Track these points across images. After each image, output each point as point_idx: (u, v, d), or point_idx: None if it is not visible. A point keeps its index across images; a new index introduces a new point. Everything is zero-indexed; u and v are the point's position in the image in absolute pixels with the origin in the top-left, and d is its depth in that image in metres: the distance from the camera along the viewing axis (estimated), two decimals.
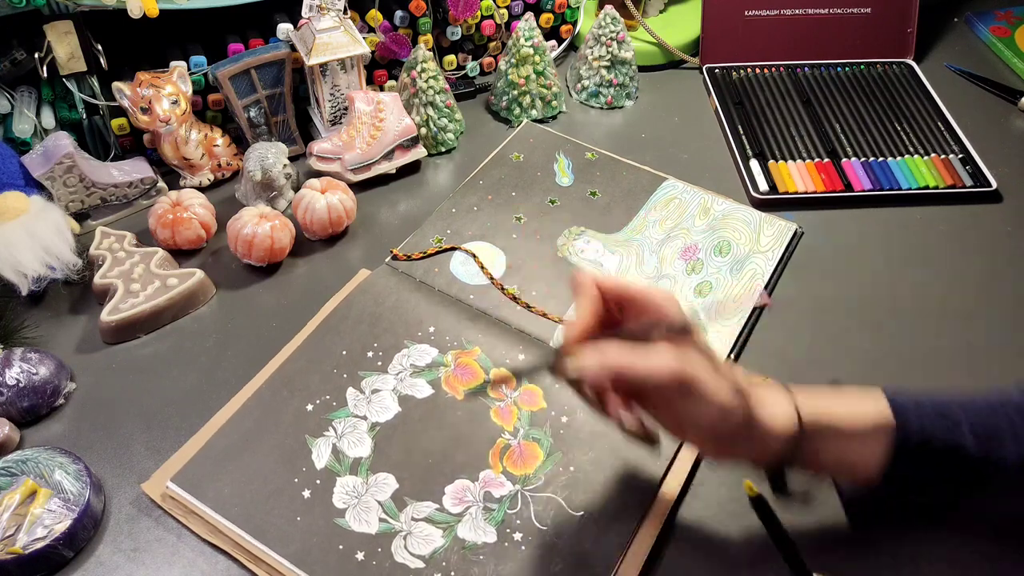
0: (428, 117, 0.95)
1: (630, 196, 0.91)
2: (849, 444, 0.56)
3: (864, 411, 0.56)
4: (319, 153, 0.91)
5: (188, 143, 0.87)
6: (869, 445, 0.56)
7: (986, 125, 1.03)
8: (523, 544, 0.62)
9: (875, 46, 1.11)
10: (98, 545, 0.63)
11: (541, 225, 0.88)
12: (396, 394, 0.72)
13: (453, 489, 0.66)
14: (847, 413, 0.56)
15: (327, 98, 0.93)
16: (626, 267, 0.83)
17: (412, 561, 0.61)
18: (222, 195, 0.91)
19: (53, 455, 0.65)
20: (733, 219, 0.88)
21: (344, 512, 0.64)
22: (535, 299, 0.80)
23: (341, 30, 0.88)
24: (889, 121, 1.02)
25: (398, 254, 0.84)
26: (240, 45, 0.90)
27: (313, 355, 0.74)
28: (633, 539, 0.63)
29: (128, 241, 0.81)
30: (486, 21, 1.02)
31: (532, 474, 0.67)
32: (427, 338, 0.76)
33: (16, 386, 0.69)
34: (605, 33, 1.01)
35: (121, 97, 0.84)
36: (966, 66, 1.12)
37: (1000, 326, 0.80)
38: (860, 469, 0.57)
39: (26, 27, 0.81)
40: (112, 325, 0.75)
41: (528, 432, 0.69)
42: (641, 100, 1.07)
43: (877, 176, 0.94)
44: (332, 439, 0.68)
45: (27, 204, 0.77)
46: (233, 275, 0.83)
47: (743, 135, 0.99)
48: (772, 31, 1.09)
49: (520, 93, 1.00)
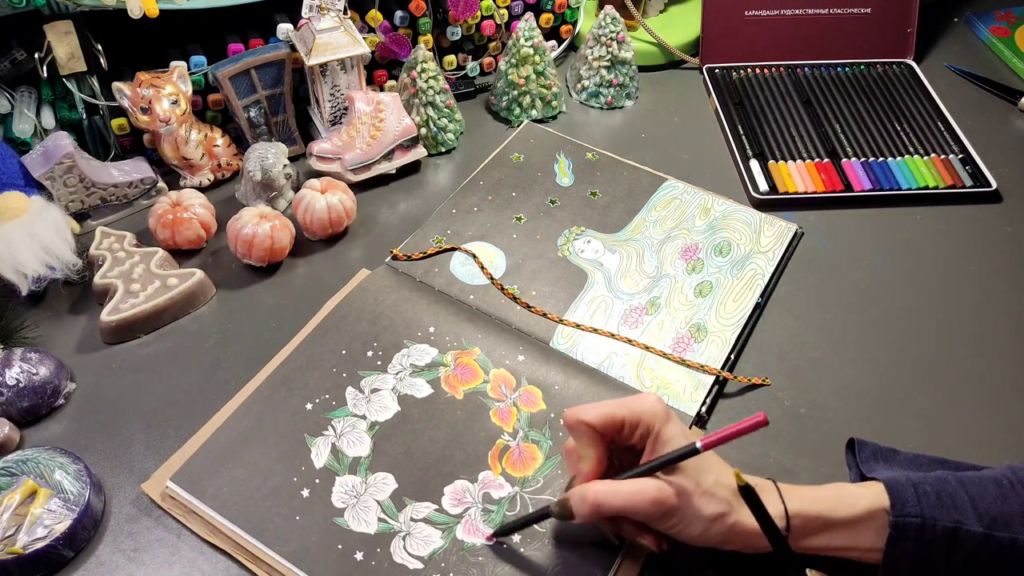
0: (428, 117, 0.95)
1: (630, 196, 0.91)
2: (843, 533, 0.56)
3: (856, 498, 0.57)
4: (319, 153, 0.91)
5: (188, 143, 0.87)
6: (864, 533, 0.56)
7: (986, 125, 1.03)
8: (522, 546, 0.62)
9: (875, 46, 1.11)
10: (98, 545, 0.63)
11: (541, 225, 0.88)
12: (396, 393, 0.72)
13: (452, 490, 0.66)
14: (840, 504, 0.56)
15: (327, 98, 0.93)
16: (626, 267, 0.83)
17: (411, 562, 0.61)
18: (222, 195, 0.91)
19: (53, 455, 0.65)
20: (733, 219, 0.88)
21: (343, 511, 0.64)
22: (535, 299, 0.80)
23: (341, 30, 0.88)
24: (889, 121, 1.02)
25: (398, 254, 0.84)
26: (240, 45, 0.90)
27: (312, 354, 0.74)
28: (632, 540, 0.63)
29: (128, 241, 0.82)
30: (486, 21, 1.02)
31: (531, 476, 0.67)
32: (427, 338, 0.76)
33: (16, 386, 0.69)
34: (605, 33, 1.01)
35: (121, 97, 0.84)
36: (966, 66, 1.12)
37: (1000, 326, 0.80)
38: (858, 556, 0.57)
39: (26, 27, 0.81)
40: (112, 325, 0.75)
41: (527, 434, 0.69)
42: (641, 100, 1.07)
43: (877, 176, 0.94)
44: (331, 438, 0.68)
45: (27, 204, 0.77)
46: (233, 275, 0.83)
47: (743, 135, 0.99)
48: (772, 31, 1.09)
49: (520, 93, 1.00)
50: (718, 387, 0.74)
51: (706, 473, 0.56)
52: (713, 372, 0.74)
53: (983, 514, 0.55)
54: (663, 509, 0.54)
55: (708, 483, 0.55)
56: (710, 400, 0.73)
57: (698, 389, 0.73)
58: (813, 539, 0.56)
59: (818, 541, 0.56)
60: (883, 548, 0.55)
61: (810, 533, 0.56)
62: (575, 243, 0.86)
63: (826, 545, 0.57)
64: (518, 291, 0.81)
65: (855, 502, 0.56)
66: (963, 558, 0.54)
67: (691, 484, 0.55)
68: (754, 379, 0.74)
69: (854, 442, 0.64)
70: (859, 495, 0.57)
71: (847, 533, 0.56)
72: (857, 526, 0.56)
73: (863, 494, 0.57)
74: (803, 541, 0.56)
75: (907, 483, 0.56)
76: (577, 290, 0.81)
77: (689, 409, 0.71)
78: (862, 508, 0.56)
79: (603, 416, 0.57)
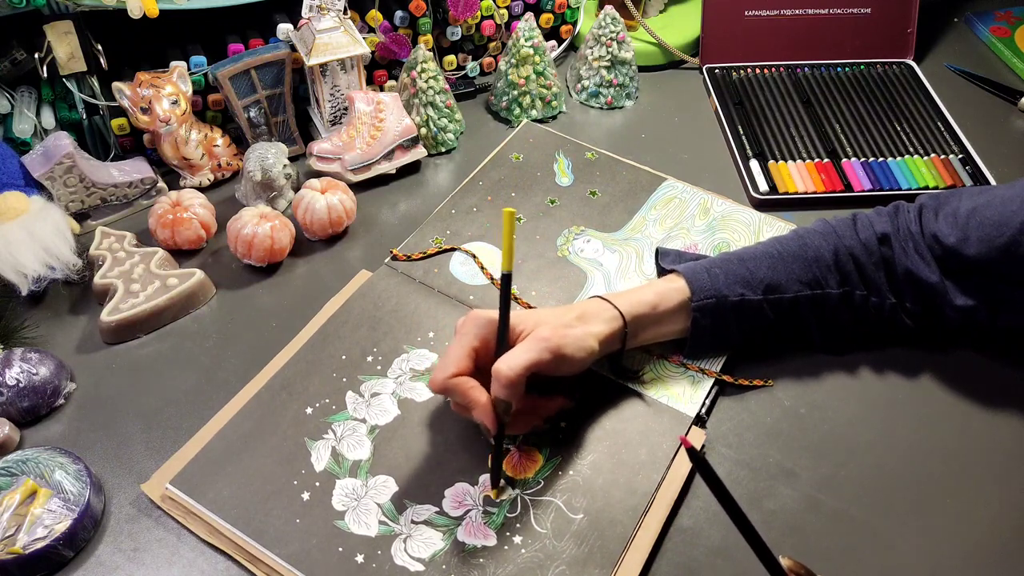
0: (428, 117, 0.95)
1: (630, 196, 0.91)
2: (664, 324, 0.72)
3: (670, 293, 0.71)
4: (319, 153, 0.91)
5: (188, 143, 0.87)
6: (677, 319, 0.72)
7: (986, 125, 1.03)
8: (523, 547, 0.63)
9: (875, 46, 1.11)
10: (98, 545, 0.63)
11: (541, 225, 0.88)
12: (396, 397, 0.72)
13: (452, 492, 0.66)
14: (660, 301, 0.71)
15: (327, 98, 0.93)
16: (626, 266, 0.83)
17: (412, 564, 0.61)
18: (222, 195, 0.91)
19: (53, 455, 0.65)
20: (733, 220, 0.88)
21: (344, 514, 0.64)
22: (535, 299, 0.80)
23: (341, 30, 0.88)
24: (889, 121, 1.02)
25: (398, 254, 0.84)
26: (240, 45, 0.90)
27: (312, 359, 0.74)
28: (632, 541, 0.63)
29: (128, 241, 0.82)
30: (486, 21, 1.02)
31: (531, 478, 0.67)
32: (427, 343, 0.76)
33: (16, 386, 0.69)
34: (605, 33, 1.01)
35: (121, 97, 0.84)
36: (966, 66, 1.12)
37: None
38: (673, 337, 0.73)
39: (26, 27, 0.81)
40: (112, 325, 0.75)
41: (527, 437, 0.70)
42: (641, 100, 1.07)
43: (877, 176, 0.94)
44: (331, 441, 0.68)
45: (27, 204, 0.77)
46: (233, 275, 0.83)
47: (743, 135, 0.99)
48: (772, 31, 1.09)
49: (520, 93, 1.00)
50: (718, 387, 0.74)
51: (546, 317, 0.66)
52: (712, 375, 0.74)
53: (759, 283, 0.72)
54: (552, 344, 0.63)
55: (557, 320, 0.66)
56: (709, 401, 0.73)
57: (697, 390, 0.73)
58: (643, 334, 0.71)
59: (647, 335, 0.72)
60: (690, 327, 0.72)
61: (639, 331, 0.70)
62: (575, 242, 0.86)
63: (652, 336, 0.72)
64: (518, 291, 0.81)
65: (670, 296, 0.71)
66: (748, 320, 0.73)
67: (550, 326, 0.64)
68: (755, 381, 0.75)
69: (658, 251, 0.79)
70: (671, 290, 0.71)
71: (667, 324, 0.72)
72: (673, 316, 0.71)
73: (674, 288, 0.71)
74: (636, 338, 0.71)
75: (701, 269, 0.72)
76: (577, 290, 0.81)
77: (689, 410, 0.71)
78: (676, 301, 0.71)
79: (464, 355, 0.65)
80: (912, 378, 0.76)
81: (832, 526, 0.65)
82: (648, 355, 0.75)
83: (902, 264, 0.73)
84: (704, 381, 0.74)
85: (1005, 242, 0.68)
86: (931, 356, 0.77)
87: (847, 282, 0.73)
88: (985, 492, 0.68)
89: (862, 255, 0.73)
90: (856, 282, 0.73)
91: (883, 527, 0.65)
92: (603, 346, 0.67)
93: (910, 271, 0.72)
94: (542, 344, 0.63)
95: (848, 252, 0.73)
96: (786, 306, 0.73)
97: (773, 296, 0.72)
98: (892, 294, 0.74)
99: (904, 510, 0.66)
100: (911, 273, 0.72)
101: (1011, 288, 0.71)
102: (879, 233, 0.73)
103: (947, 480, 0.68)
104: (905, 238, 0.73)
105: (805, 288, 0.73)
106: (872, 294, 0.74)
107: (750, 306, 0.72)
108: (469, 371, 0.64)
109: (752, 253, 0.74)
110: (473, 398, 0.63)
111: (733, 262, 0.73)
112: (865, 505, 0.67)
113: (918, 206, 0.75)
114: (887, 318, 0.75)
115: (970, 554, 0.64)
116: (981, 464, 0.69)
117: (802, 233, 0.75)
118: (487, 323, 0.65)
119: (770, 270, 0.72)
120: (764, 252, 0.74)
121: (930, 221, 0.73)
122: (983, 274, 0.71)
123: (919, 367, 0.76)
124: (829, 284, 0.73)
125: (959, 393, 0.75)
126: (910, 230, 0.73)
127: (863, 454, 0.70)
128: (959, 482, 0.68)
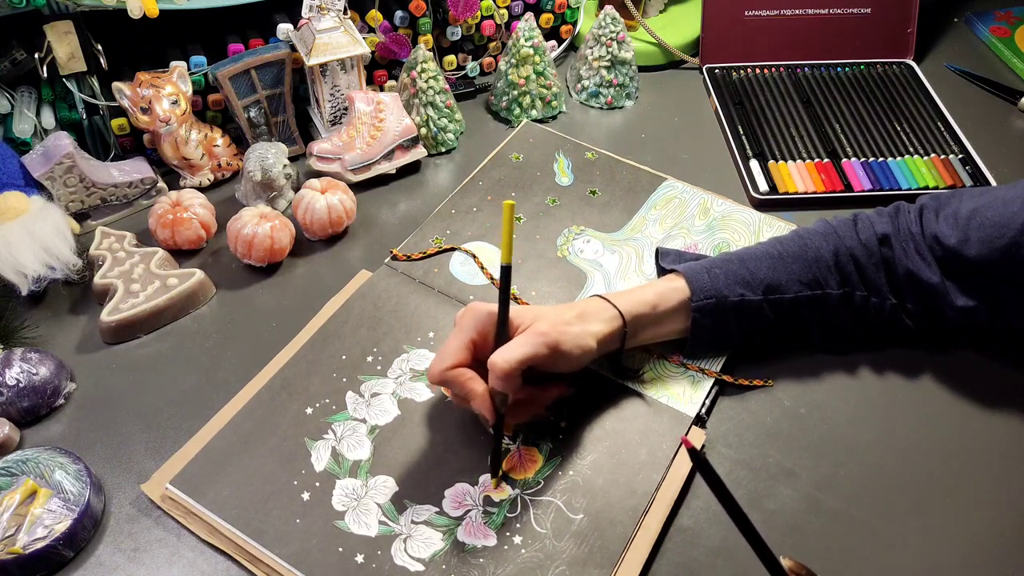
0: (428, 117, 0.95)
1: (630, 195, 0.91)
2: (664, 324, 0.72)
3: (670, 293, 0.71)
4: (319, 153, 0.91)
5: (188, 143, 0.87)
6: (678, 319, 0.72)
7: (986, 125, 1.03)
8: (523, 547, 0.63)
9: (875, 46, 1.11)
10: (98, 545, 0.63)
11: (541, 225, 0.88)
12: (396, 397, 0.72)
13: (452, 492, 0.66)
14: (660, 301, 0.71)
15: (327, 98, 0.93)
16: (626, 266, 0.83)
17: (412, 564, 0.61)
18: (222, 195, 0.91)
19: (53, 455, 0.65)
20: (733, 220, 0.88)
21: (344, 514, 0.64)
22: (535, 299, 0.80)
23: (341, 30, 0.88)
24: (889, 121, 1.02)
25: (398, 254, 0.84)
26: (240, 45, 0.90)
27: (312, 359, 0.74)
28: (632, 541, 0.63)
29: (128, 241, 0.82)
30: (486, 21, 1.02)
31: (531, 478, 0.67)
32: (427, 343, 0.76)
33: (16, 386, 0.69)
34: (605, 33, 1.01)
35: (121, 97, 0.84)
36: (966, 66, 1.12)
37: None
38: (674, 337, 0.73)
39: (26, 27, 0.81)
40: (112, 325, 0.75)
41: (527, 436, 0.70)
42: (641, 100, 1.07)
43: (877, 176, 0.94)
44: (331, 442, 0.68)
45: (27, 204, 0.77)
46: (233, 275, 0.83)
47: (743, 135, 0.99)
48: (772, 31, 1.09)
49: (520, 93, 1.00)
50: (718, 387, 0.74)
51: (546, 313, 0.66)
52: (712, 375, 0.74)
53: (759, 284, 0.72)
54: (549, 339, 0.63)
55: (557, 317, 0.66)
56: (709, 401, 0.73)
57: (697, 390, 0.73)
58: (643, 334, 0.71)
59: (646, 335, 0.72)
60: (690, 327, 0.72)
61: (639, 330, 0.70)
62: (575, 243, 0.86)
63: (652, 336, 0.72)
64: (518, 291, 0.81)
65: (670, 296, 0.71)
66: (748, 320, 0.73)
67: (548, 322, 0.65)
68: (755, 381, 0.75)
69: (658, 251, 0.79)
70: (671, 290, 0.71)
71: (667, 324, 0.72)
72: (673, 316, 0.71)
73: (674, 288, 0.71)
74: (636, 337, 0.71)
75: (701, 269, 0.72)
76: (577, 290, 0.81)
77: (689, 410, 0.71)
78: (675, 301, 0.71)
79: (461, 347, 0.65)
80: (912, 378, 0.76)
81: (832, 526, 0.65)
82: (648, 355, 0.75)
83: (903, 265, 0.73)
84: (704, 381, 0.74)
85: (1006, 243, 0.68)
86: (931, 356, 0.77)
87: (847, 283, 0.73)
88: (985, 492, 0.68)
89: (862, 256, 0.73)
90: (856, 283, 0.73)
91: (883, 527, 0.65)
92: (601, 345, 0.67)
93: (911, 272, 0.72)
94: (539, 339, 0.63)
95: (848, 253, 0.73)
96: (786, 306, 0.73)
97: (773, 296, 0.72)
98: (892, 295, 0.74)
99: (904, 510, 0.66)
100: (912, 274, 0.72)
101: (1012, 289, 0.71)
102: (880, 234, 0.73)
103: (947, 480, 0.68)
104: (906, 239, 0.73)
105: (805, 288, 0.72)
106: (872, 295, 0.74)
107: (750, 306, 0.72)
108: (467, 363, 0.64)
109: (752, 253, 0.74)
110: (471, 389, 0.63)
111: (733, 262, 0.73)
112: (865, 505, 0.67)
113: (919, 207, 0.75)
114: (887, 319, 0.75)
115: (970, 554, 0.64)
116: (981, 464, 0.69)
117: (802, 233, 0.75)
118: (486, 316, 0.65)
119: (770, 270, 0.72)
120: (764, 252, 0.74)
121: (931, 222, 0.73)
122: (984, 275, 0.71)
123: (919, 367, 0.76)
124: (829, 285, 0.73)
125: (959, 393, 0.75)
126: (911, 231, 0.73)
127: (863, 454, 0.70)
128: (959, 482, 0.68)
